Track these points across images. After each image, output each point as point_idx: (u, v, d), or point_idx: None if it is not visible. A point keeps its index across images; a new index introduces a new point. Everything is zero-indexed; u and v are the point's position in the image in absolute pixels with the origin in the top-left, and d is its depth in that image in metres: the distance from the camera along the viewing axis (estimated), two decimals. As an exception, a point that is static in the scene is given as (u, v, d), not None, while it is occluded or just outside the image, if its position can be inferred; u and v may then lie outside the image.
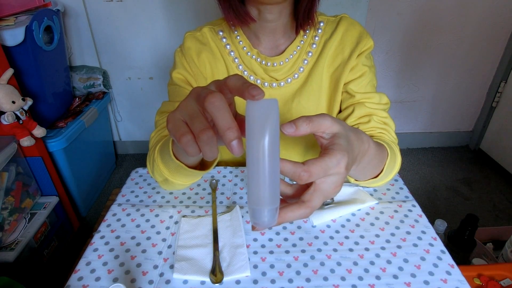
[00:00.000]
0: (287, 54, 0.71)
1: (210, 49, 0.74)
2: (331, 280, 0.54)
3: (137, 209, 0.69)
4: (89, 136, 1.72)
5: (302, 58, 0.72)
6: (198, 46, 0.74)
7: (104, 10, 1.74)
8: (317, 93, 0.74)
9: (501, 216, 1.70)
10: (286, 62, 0.71)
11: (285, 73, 0.72)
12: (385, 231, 0.64)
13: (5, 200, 1.23)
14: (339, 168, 0.38)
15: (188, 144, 0.35)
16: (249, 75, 0.73)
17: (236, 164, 0.83)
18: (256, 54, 0.71)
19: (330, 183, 0.38)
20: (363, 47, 0.70)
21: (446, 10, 1.79)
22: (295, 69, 0.72)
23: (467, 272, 0.79)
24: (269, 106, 0.32)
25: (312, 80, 0.73)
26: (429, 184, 1.92)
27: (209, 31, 0.74)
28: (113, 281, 0.55)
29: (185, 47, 0.74)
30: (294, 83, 0.73)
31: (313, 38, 0.72)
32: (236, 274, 0.55)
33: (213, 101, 0.33)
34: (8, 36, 1.25)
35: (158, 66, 1.92)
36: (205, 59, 0.73)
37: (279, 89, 0.73)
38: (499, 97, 2.00)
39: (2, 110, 1.21)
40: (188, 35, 0.75)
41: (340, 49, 0.71)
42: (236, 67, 0.73)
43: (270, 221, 0.35)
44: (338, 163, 0.37)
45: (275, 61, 0.71)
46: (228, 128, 0.32)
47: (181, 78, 0.74)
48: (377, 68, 1.95)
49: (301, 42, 0.72)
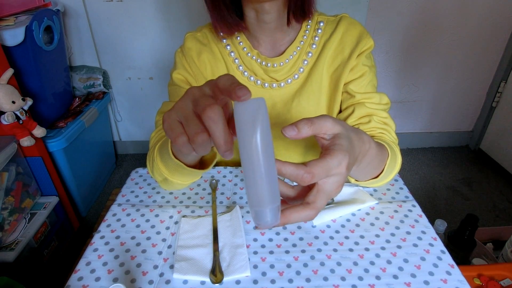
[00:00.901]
0: (287, 55, 0.71)
1: (210, 49, 0.74)
2: (331, 280, 0.54)
3: (137, 209, 0.69)
4: (89, 136, 1.72)
5: (302, 58, 0.72)
6: (199, 47, 0.74)
7: (104, 10, 1.74)
8: (317, 93, 0.74)
9: (501, 216, 1.70)
10: (286, 63, 0.71)
11: (285, 74, 0.72)
12: (385, 231, 0.64)
13: (5, 200, 1.23)
14: (341, 169, 0.38)
15: (183, 145, 0.36)
16: (249, 75, 0.73)
17: (236, 164, 0.83)
18: (257, 55, 0.71)
19: (332, 183, 0.38)
20: (363, 47, 0.70)
21: (446, 10, 1.79)
22: (295, 69, 0.72)
23: (467, 272, 0.79)
24: (256, 106, 0.32)
25: (312, 80, 0.73)
26: (429, 184, 1.92)
27: (209, 31, 0.75)
28: (113, 281, 0.55)
29: (186, 47, 0.74)
30: (294, 83, 0.73)
31: (313, 39, 0.72)
32: (236, 274, 0.55)
33: (211, 116, 0.33)
34: (8, 36, 1.25)
35: (158, 66, 1.92)
36: (205, 60, 0.74)
37: (279, 89, 0.73)
38: (499, 97, 2.00)
39: (2, 110, 1.21)
40: (188, 36, 0.75)
41: (340, 49, 0.71)
42: (237, 68, 0.74)
43: (273, 220, 0.35)
44: (340, 164, 0.38)
45: (275, 62, 0.71)
46: (223, 142, 0.34)
47: (181, 78, 0.74)
48: (377, 68, 1.95)
49: (301, 43, 0.72)
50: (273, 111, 0.74)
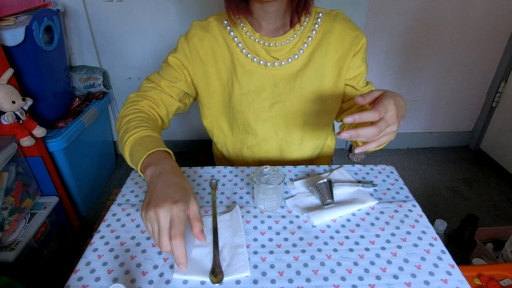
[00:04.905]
0: (288, 36, 0.77)
1: (213, 35, 0.80)
2: (331, 280, 0.54)
3: (137, 209, 0.69)
4: (89, 136, 1.72)
5: (302, 41, 0.79)
6: (202, 33, 0.80)
7: (104, 10, 1.74)
8: (319, 76, 0.80)
9: (501, 216, 1.70)
10: (286, 43, 0.78)
11: (286, 54, 0.78)
12: (385, 231, 0.64)
13: (5, 200, 1.23)
14: (391, 105, 0.57)
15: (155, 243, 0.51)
16: (252, 57, 0.79)
17: (242, 164, 0.84)
18: (259, 37, 0.78)
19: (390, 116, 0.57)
20: (362, 45, 0.79)
21: (446, 10, 1.79)
22: (295, 50, 0.79)
23: (467, 272, 0.79)
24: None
25: (313, 63, 0.79)
26: (429, 184, 1.92)
27: (214, 20, 0.81)
28: (113, 281, 0.55)
29: (190, 33, 0.80)
30: (295, 63, 0.79)
31: (313, 25, 0.79)
32: (236, 274, 0.55)
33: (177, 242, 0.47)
34: (8, 36, 1.25)
35: (158, 66, 1.89)
36: (207, 44, 0.80)
37: (281, 68, 0.79)
38: (499, 97, 2.00)
39: (2, 110, 1.20)
40: (194, 23, 0.82)
41: (341, 41, 0.78)
42: (240, 51, 0.79)
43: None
44: (389, 102, 0.57)
45: (276, 41, 0.77)
46: (179, 261, 0.48)
47: (176, 62, 0.81)
48: (377, 68, 1.95)
49: (302, 27, 0.78)
50: (275, 90, 0.80)
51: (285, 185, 0.76)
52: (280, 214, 0.68)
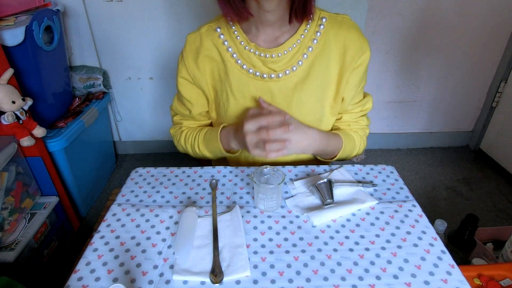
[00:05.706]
0: (286, 47, 0.72)
1: (206, 48, 0.76)
2: (331, 280, 0.54)
3: (137, 209, 0.69)
4: (89, 136, 1.72)
5: (301, 52, 0.73)
6: (195, 50, 0.77)
7: (104, 10, 1.74)
8: (319, 89, 0.75)
9: (501, 216, 1.70)
10: (284, 54, 0.73)
11: (284, 65, 0.74)
12: (385, 231, 0.64)
13: (5, 200, 1.22)
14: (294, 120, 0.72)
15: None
16: (248, 68, 0.75)
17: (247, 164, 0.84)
18: (254, 47, 0.73)
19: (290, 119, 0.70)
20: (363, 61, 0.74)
21: (446, 10, 1.79)
22: (293, 62, 0.74)
23: (467, 272, 0.79)
24: None
25: (313, 76, 0.74)
26: (429, 184, 1.92)
27: (207, 30, 0.77)
28: (113, 281, 0.55)
29: (185, 54, 0.79)
30: (293, 76, 0.74)
31: (315, 34, 0.73)
32: (236, 274, 0.55)
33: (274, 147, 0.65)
34: (8, 36, 1.25)
35: (158, 66, 1.92)
36: (201, 63, 0.78)
37: (278, 81, 0.75)
38: (499, 97, 2.00)
39: (2, 110, 1.20)
40: (187, 38, 0.78)
41: (344, 51, 0.73)
42: (235, 62, 0.75)
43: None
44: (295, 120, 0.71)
45: (273, 52, 0.72)
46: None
47: (183, 82, 0.81)
48: (377, 68, 1.95)
49: (302, 36, 0.73)
50: (273, 103, 0.76)
51: (285, 185, 0.76)
52: (280, 214, 0.68)
